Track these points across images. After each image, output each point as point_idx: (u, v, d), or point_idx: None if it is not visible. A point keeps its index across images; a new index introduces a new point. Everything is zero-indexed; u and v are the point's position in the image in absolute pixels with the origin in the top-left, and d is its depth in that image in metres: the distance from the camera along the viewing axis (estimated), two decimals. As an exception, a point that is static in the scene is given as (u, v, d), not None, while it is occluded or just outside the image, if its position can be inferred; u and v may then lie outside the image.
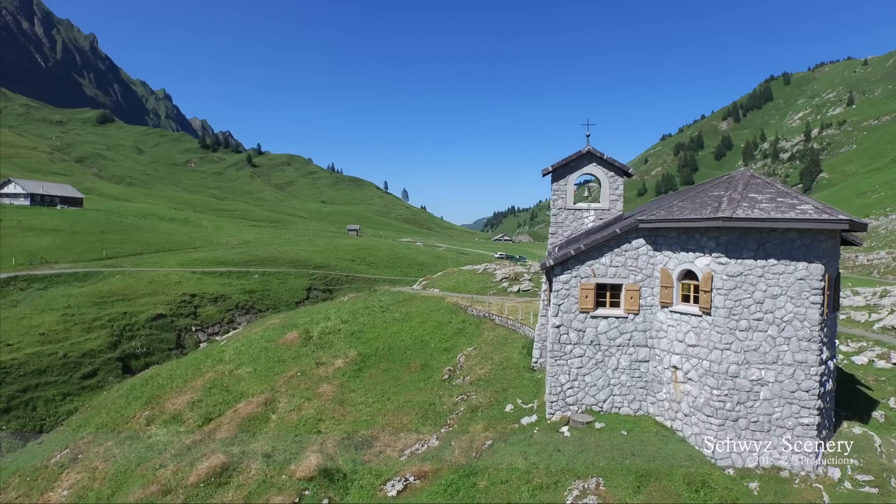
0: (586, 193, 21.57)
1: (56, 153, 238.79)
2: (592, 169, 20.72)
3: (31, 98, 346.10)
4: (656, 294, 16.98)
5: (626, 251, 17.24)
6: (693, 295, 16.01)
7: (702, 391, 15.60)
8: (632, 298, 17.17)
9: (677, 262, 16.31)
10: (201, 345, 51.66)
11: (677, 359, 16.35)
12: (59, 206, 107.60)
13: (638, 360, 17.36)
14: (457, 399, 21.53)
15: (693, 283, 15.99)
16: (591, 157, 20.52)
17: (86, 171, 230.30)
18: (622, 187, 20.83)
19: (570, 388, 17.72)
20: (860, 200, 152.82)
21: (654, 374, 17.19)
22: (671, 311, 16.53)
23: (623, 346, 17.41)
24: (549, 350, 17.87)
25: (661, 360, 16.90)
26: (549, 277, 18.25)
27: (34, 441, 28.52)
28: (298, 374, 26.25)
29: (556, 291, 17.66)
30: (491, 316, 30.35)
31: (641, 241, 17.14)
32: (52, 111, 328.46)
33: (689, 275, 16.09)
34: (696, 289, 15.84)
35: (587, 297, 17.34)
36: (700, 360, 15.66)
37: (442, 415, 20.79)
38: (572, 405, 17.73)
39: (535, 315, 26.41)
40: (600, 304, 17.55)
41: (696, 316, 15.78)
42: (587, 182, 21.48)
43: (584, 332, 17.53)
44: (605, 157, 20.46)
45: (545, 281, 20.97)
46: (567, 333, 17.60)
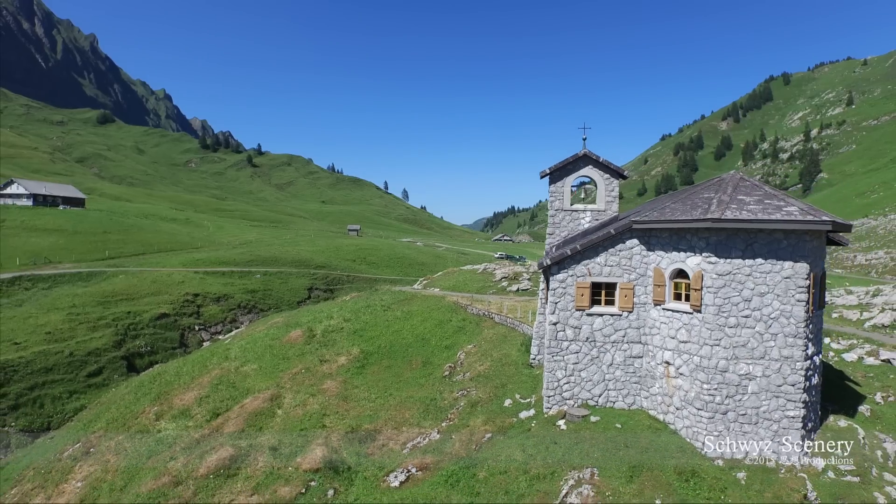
0: (583, 195, 22.20)
1: (57, 153, 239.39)
2: (589, 171, 21.37)
3: (31, 98, 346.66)
4: (649, 292, 17.62)
5: (620, 251, 17.87)
6: (684, 293, 16.64)
7: (693, 385, 16.24)
8: (626, 296, 17.81)
9: (669, 262, 16.94)
10: (204, 344, 52.21)
11: (669, 354, 16.99)
12: (61, 207, 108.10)
13: (632, 355, 17.99)
14: (457, 394, 22.19)
15: (684, 282, 16.61)
16: (587, 159, 21.17)
17: (86, 171, 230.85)
18: (617, 189, 21.47)
19: (566, 383, 18.36)
20: (859, 200, 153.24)
21: (647, 370, 17.83)
22: (664, 309, 17.16)
23: (618, 343, 18.04)
24: (547, 346, 18.52)
25: (654, 355, 17.54)
26: (547, 276, 18.87)
27: (45, 436, 29.22)
28: (303, 370, 26.92)
29: (553, 290, 18.29)
30: (490, 314, 30.98)
31: (635, 242, 17.77)
32: (52, 111, 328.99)
33: (681, 274, 16.72)
34: (688, 287, 16.47)
35: (583, 296, 17.97)
36: (691, 356, 16.31)
37: (443, 409, 21.45)
38: (569, 399, 18.37)
39: (533, 313, 27.04)
40: (596, 302, 18.18)
41: (687, 313, 16.41)
42: (584, 184, 22.12)
43: (581, 329, 18.16)
44: (601, 160, 21.10)
45: (543, 280, 21.59)
46: (564, 330, 18.24)
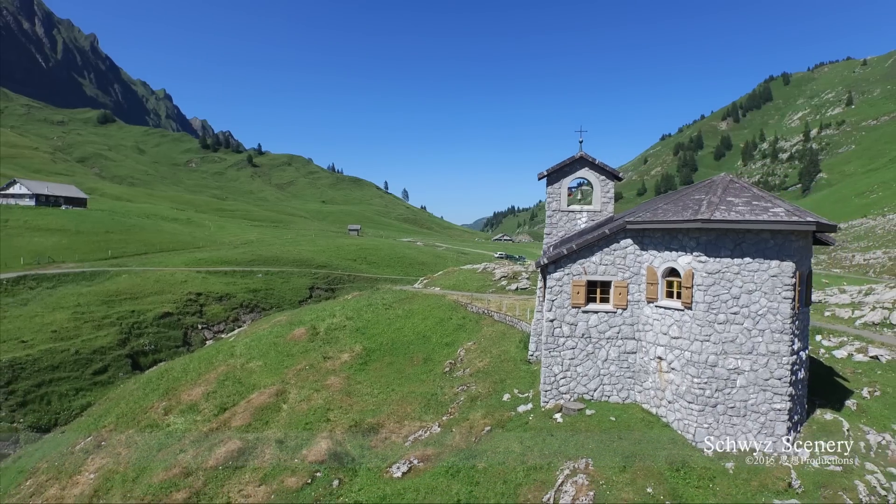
0: (580, 196, 22.84)
1: (58, 153, 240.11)
2: (585, 173, 22.02)
3: (32, 98, 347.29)
4: (643, 290, 18.27)
5: (615, 250, 18.52)
6: (676, 291, 17.28)
7: (684, 380, 16.89)
8: (620, 294, 18.46)
9: (662, 261, 17.60)
10: (207, 342, 52.86)
11: (662, 350, 17.64)
12: (63, 207, 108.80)
13: (626, 351, 18.65)
14: (457, 389, 22.86)
15: (676, 280, 17.27)
16: (583, 161, 21.82)
17: (87, 171, 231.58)
18: (613, 190, 22.11)
19: (563, 378, 19.02)
20: (858, 200, 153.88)
21: (640, 365, 18.48)
22: (656, 306, 17.81)
23: (612, 339, 18.69)
24: (544, 343, 19.18)
25: (648, 351, 18.20)
26: (544, 275, 19.53)
27: (57, 431, 29.91)
28: (307, 367, 27.58)
29: (550, 288, 18.95)
30: (490, 312, 31.65)
31: (629, 241, 18.43)
32: (53, 111, 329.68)
33: (673, 272, 17.37)
34: (679, 285, 17.12)
35: (579, 293, 18.63)
36: (682, 351, 16.96)
37: (443, 404, 22.12)
38: (565, 394, 19.02)
39: (531, 311, 27.71)
40: (591, 299, 18.83)
41: (678, 310, 17.06)
42: (580, 185, 22.75)
43: (576, 325, 18.82)
44: (597, 162, 21.76)
45: (541, 278, 22.25)
46: (560, 327, 18.89)
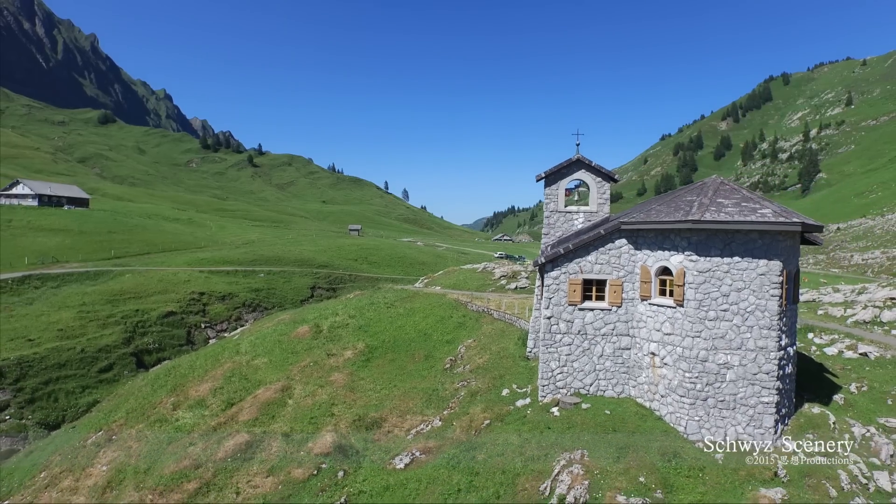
0: (576, 197, 23.49)
1: (59, 153, 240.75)
2: (582, 175, 22.69)
3: (32, 98, 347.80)
4: (637, 288, 18.93)
5: (610, 250, 19.18)
6: (668, 289, 17.95)
7: (676, 374, 17.56)
8: (615, 292, 19.13)
9: (655, 260, 18.26)
10: (210, 341, 53.53)
11: (655, 346, 18.31)
12: (65, 207, 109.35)
13: (621, 347, 19.31)
14: (458, 385, 23.52)
15: (668, 279, 17.93)
16: (580, 164, 22.48)
17: (88, 171, 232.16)
18: (609, 192, 22.77)
19: (560, 374, 19.69)
20: (858, 200, 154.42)
21: (634, 360, 19.15)
22: (650, 304, 18.48)
23: (607, 335, 19.36)
24: (542, 339, 19.84)
25: (641, 347, 18.86)
26: (542, 274, 20.19)
27: (67, 426, 30.57)
28: (311, 364, 28.24)
29: (547, 286, 19.62)
30: (489, 311, 32.32)
31: (624, 241, 19.09)
32: (53, 111, 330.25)
33: (665, 271, 18.04)
34: (671, 283, 17.78)
35: (575, 292, 19.29)
36: (674, 347, 17.62)
37: (444, 399, 22.79)
38: (562, 389, 19.69)
39: (530, 310, 28.36)
40: (587, 297, 19.49)
41: (670, 307, 17.72)
42: (577, 187, 23.40)
43: (573, 322, 19.48)
44: (594, 165, 22.41)
45: (539, 277, 22.91)
46: (557, 324, 19.56)
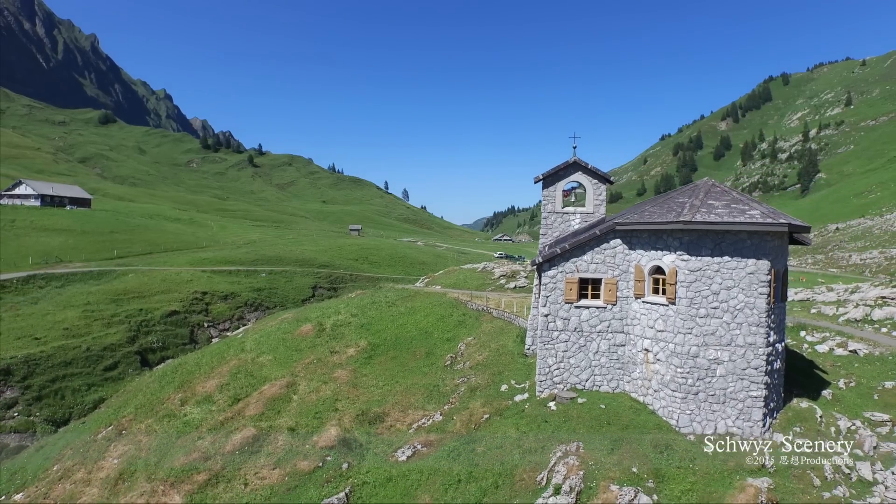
0: (573, 199, 24.14)
1: (60, 154, 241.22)
2: (578, 177, 23.35)
3: (33, 98, 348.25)
4: (631, 287, 19.59)
5: (605, 250, 19.84)
6: (661, 287, 18.60)
7: (668, 370, 18.21)
8: (610, 291, 19.78)
9: (648, 259, 18.91)
10: (213, 340, 54.17)
11: (648, 342, 18.96)
12: (68, 207, 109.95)
13: (615, 344, 19.96)
14: (458, 381, 24.18)
15: (661, 277, 18.58)
16: (577, 166, 23.14)
17: (89, 171, 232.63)
18: (605, 193, 23.44)
19: (556, 369, 20.34)
20: (857, 200, 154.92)
21: (629, 357, 19.80)
22: (643, 302, 19.13)
23: (603, 332, 20.01)
24: (539, 336, 20.49)
25: (635, 343, 19.51)
26: (539, 273, 20.84)
27: (77, 422, 31.23)
28: (315, 361, 28.91)
29: (544, 285, 20.27)
30: (489, 309, 32.98)
31: (618, 242, 19.74)
32: (54, 112, 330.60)
33: (658, 270, 18.69)
34: (664, 282, 18.43)
35: (571, 290, 19.94)
36: (667, 343, 18.28)
37: (445, 394, 23.44)
38: (559, 384, 20.34)
39: (529, 308, 29.00)
40: (583, 295, 20.14)
41: (663, 305, 18.37)
42: (574, 189, 24.05)
43: (569, 320, 20.13)
44: (590, 167, 23.07)
45: (536, 276, 23.56)
46: (554, 321, 20.21)
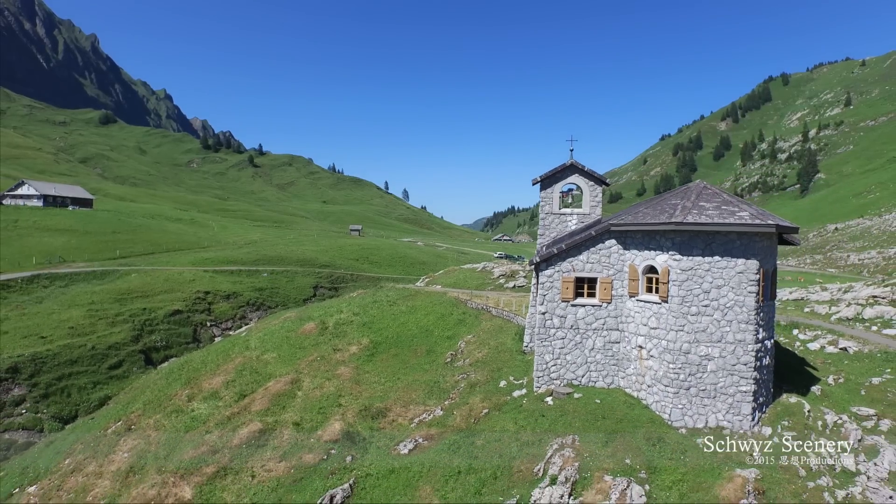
0: (570, 200, 24.77)
1: (61, 154, 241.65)
2: (575, 179, 23.99)
3: (33, 99, 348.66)
4: (625, 285, 20.24)
5: (600, 250, 20.48)
6: (654, 286, 19.25)
7: (661, 366, 18.86)
8: (605, 289, 20.43)
9: (642, 259, 19.56)
10: (216, 339, 54.76)
11: (642, 339, 19.61)
12: (70, 207, 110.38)
13: (611, 341, 20.61)
14: (458, 377, 24.84)
15: (654, 277, 19.23)
16: (573, 169, 23.78)
17: (90, 171, 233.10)
18: (601, 195, 24.08)
19: (553, 366, 20.99)
20: (856, 201, 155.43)
21: (623, 353, 20.45)
22: (637, 300, 19.78)
23: (598, 330, 20.66)
24: (537, 334, 21.14)
25: (630, 340, 20.17)
26: (537, 272, 21.46)
27: (87, 417, 31.87)
28: (318, 358, 29.56)
29: (542, 284, 20.92)
30: (488, 308, 33.64)
31: (613, 242, 20.38)
32: (55, 112, 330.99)
33: (651, 269, 19.34)
34: (657, 281, 19.08)
35: (568, 289, 20.59)
36: (660, 340, 18.92)
37: (445, 390, 24.10)
38: (556, 380, 20.99)
39: (527, 307, 29.64)
40: (579, 294, 20.80)
41: (656, 303, 19.02)
42: (571, 190, 24.68)
43: (566, 317, 20.78)
44: (586, 169, 23.71)
45: (534, 276, 24.19)
46: (551, 319, 20.86)
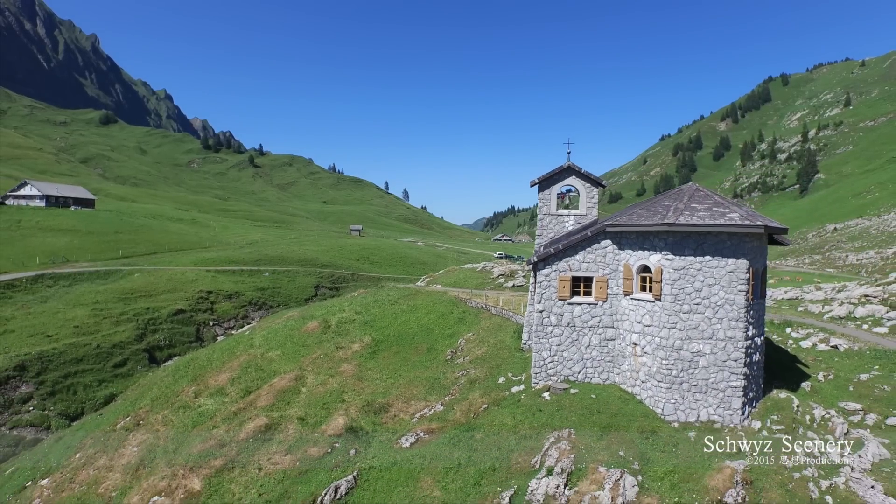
0: (567, 202, 25.40)
1: (62, 154, 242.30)
2: (572, 181, 24.62)
3: (34, 99, 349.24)
4: (620, 284, 20.88)
5: (596, 250, 21.12)
6: (648, 285, 19.89)
7: (654, 362, 19.50)
8: (601, 288, 21.07)
9: (636, 259, 20.20)
10: (219, 338, 55.37)
11: (636, 336, 20.25)
12: (72, 208, 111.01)
13: (606, 338, 21.25)
14: (458, 374, 25.48)
15: (648, 276, 19.86)
16: (570, 171, 24.42)
17: (91, 171, 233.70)
18: (597, 196, 24.70)
19: (551, 362, 21.63)
20: (855, 201, 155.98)
21: (618, 350, 21.09)
22: (632, 298, 20.42)
23: (594, 327, 21.30)
24: (535, 331, 21.79)
25: (624, 338, 20.81)
26: (535, 272, 22.10)
27: (95, 413, 32.52)
28: (321, 356, 30.18)
29: (539, 283, 21.56)
30: (488, 307, 34.28)
31: (608, 242, 21.02)
32: (55, 112, 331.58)
33: (645, 269, 19.97)
34: (651, 280, 19.72)
35: (565, 288, 21.24)
36: (653, 337, 19.56)
37: (445, 386, 24.74)
38: (553, 376, 21.64)
39: (526, 306, 30.29)
40: (575, 293, 21.44)
41: (650, 302, 19.66)
42: (568, 192, 25.32)
43: (563, 315, 21.42)
44: (583, 171, 24.35)
45: (532, 275, 24.83)
46: (548, 317, 21.50)
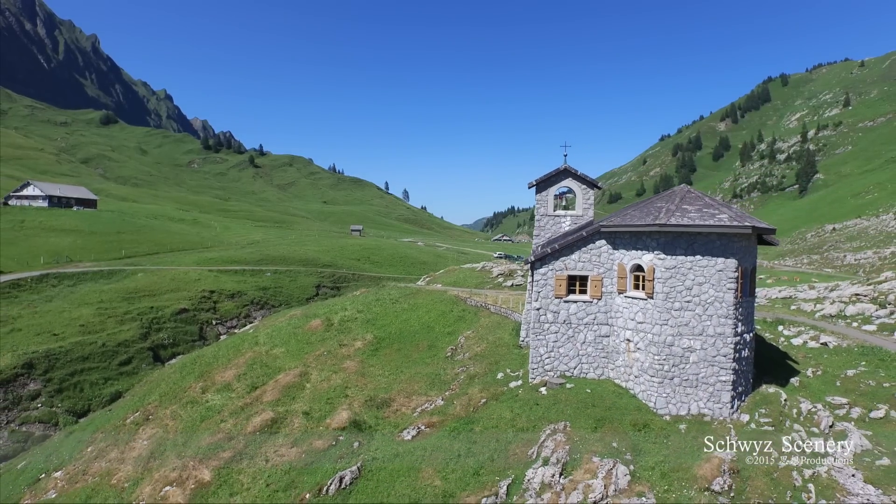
0: (564, 203, 26.12)
1: (62, 154, 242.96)
2: (569, 183, 25.34)
3: (34, 99, 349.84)
4: (614, 283, 21.61)
5: (591, 250, 21.85)
6: (641, 283, 20.63)
7: (647, 357, 20.24)
8: (596, 286, 21.80)
9: (630, 258, 20.94)
10: (221, 337, 56.09)
11: (630, 333, 20.99)
12: (74, 208, 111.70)
13: (601, 335, 21.98)
14: (458, 370, 26.23)
15: (641, 274, 20.60)
16: (567, 173, 25.14)
17: (92, 171, 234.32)
18: (593, 198, 25.43)
19: (547, 358, 22.37)
20: (854, 201, 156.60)
21: (613, 346, 21.83)
22: (625, 296, 21.16)
23: (589, 324, 22.03)
24: (532, 328, 22.52)
25: (619, 334, 21.54)
26: (532, 271, 22.84)
27: (104, 409, 33.26)
28: (325, 353, 30.94)
29: (536, 282, 22.30)
30: (487, 306, 35.03)
31: (603, 242, 21.75)
32: (56, 112, 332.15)
33: (638, 268, 20.71)
34: (643, 279, 20.45)
35: (561, 286, 21.97)
36: (646, 334, 20.30)
37: (446, 382, 25.48)
38: (549, 371, 22.37)
39: (524, 304, 31.03)
40: (571, 291, 22.17)
41: (643, 299, 20.40)
42: (565, 193, 26.04)
43: (559, 313, 22.16)
44: (579, 173, 25.07)
45: (530, 274, 25.58)
46: (545, 315, 22.23)
